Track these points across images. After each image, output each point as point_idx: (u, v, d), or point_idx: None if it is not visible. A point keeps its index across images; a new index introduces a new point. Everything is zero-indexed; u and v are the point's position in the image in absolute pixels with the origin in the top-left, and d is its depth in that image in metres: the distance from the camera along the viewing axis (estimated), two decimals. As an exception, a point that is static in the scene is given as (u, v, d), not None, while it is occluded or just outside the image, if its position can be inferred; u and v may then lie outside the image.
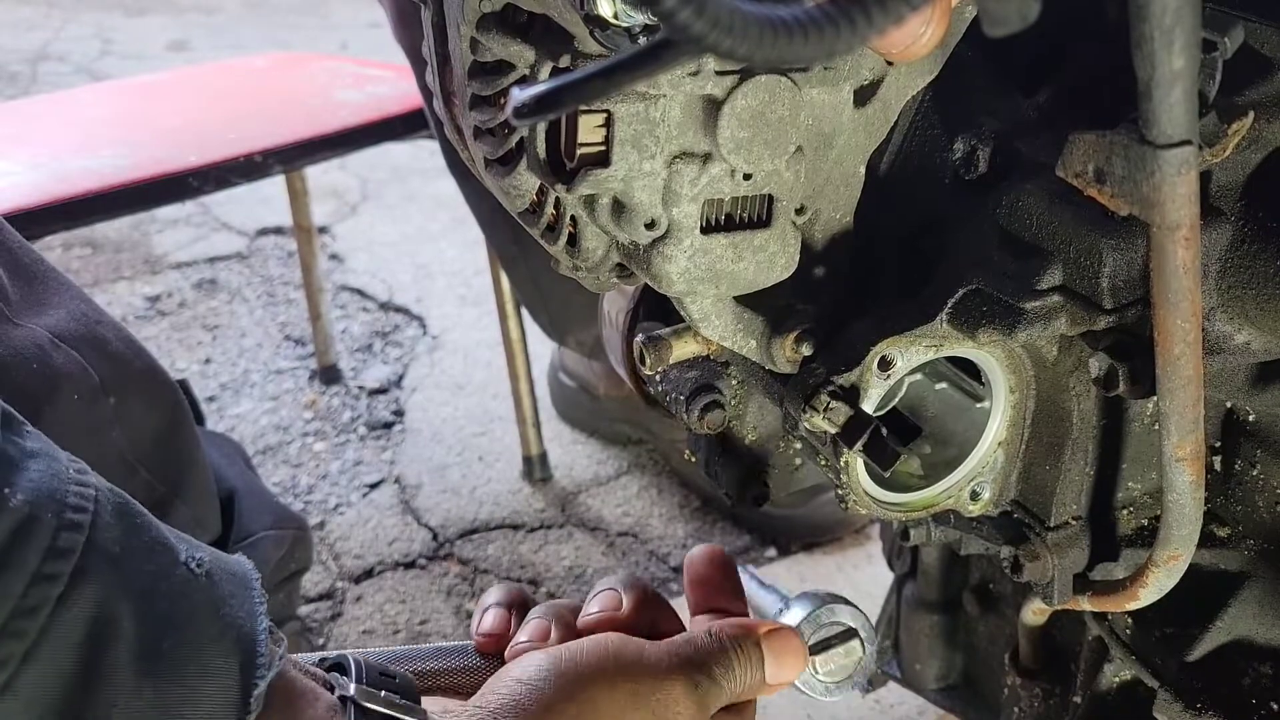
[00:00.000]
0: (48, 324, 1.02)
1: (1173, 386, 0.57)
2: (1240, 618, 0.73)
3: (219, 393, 2.14)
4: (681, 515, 1.78)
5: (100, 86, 2.14)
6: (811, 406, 0.65)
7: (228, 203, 2.83)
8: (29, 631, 0.55)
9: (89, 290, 2.46)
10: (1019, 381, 0.69)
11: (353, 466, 1.93)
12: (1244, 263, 0.62)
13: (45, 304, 1.04)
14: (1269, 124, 0.61)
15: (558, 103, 0.42)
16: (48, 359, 0.99)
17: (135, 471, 1.09)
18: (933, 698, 1.13)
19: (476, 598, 1.63)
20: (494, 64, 0.60)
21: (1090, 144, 0.53)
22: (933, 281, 0.68)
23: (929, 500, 0.72)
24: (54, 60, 3.98)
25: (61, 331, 1.02)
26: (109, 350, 1.07)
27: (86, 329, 1.05)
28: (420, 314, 2.39)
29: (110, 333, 1.09)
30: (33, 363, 0.97)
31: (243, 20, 4.52)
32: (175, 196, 1.52)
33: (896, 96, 0.66)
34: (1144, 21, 0.44)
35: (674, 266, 0.62)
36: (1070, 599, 0.72)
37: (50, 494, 0.58)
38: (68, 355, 1.01)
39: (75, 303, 1.07)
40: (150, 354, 1.15)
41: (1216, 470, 0.73)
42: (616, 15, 0.53)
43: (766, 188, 0.63)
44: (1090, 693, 0.86)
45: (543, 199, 0.63)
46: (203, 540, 1.22)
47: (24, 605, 0.55)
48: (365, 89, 1.78)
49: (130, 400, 1.08)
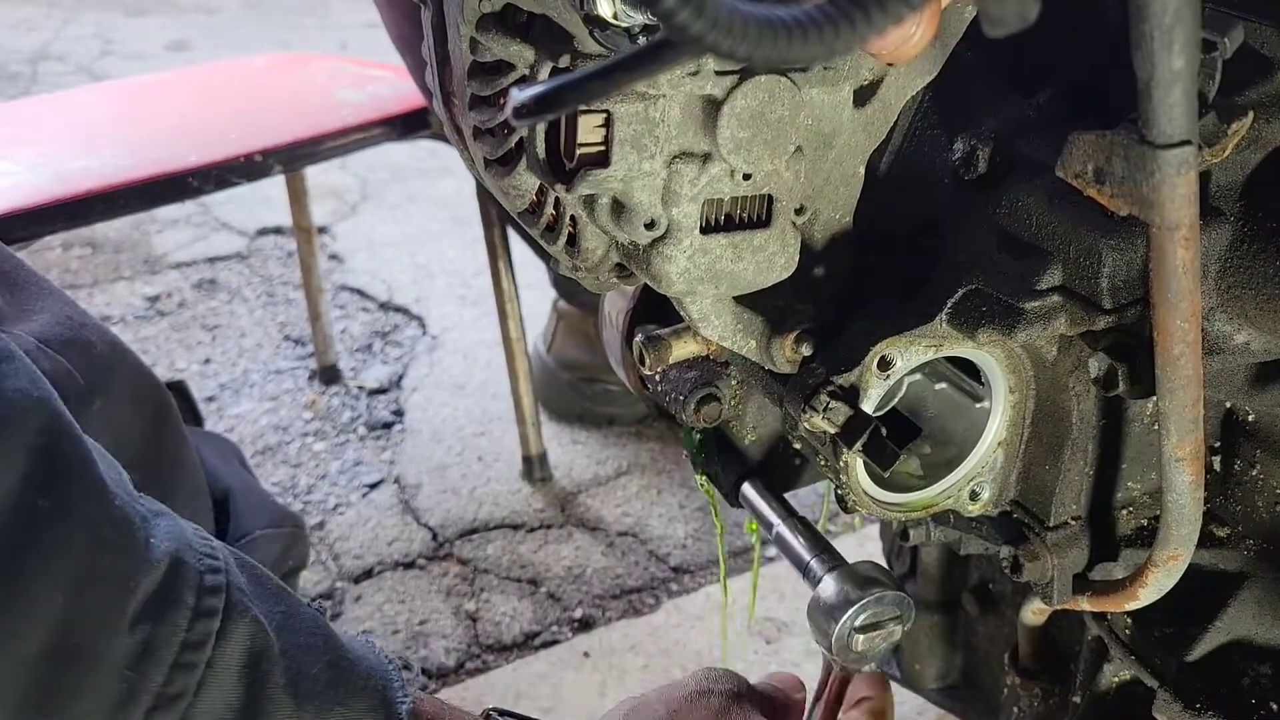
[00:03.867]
0: (33, 330, 1.01)
1: (1172, 386, 0.57)
2: (1240, 618, 0.73)
3: (218, 393, 2.14)
4: (681, 515, 1.78)
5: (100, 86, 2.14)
6: (811, 406, 0.65)
7: (228, 203, 2.83)
8: (198, 664, 0.60)
9: (89, 290, 2.47)
10: (1018, 381, 0.69)
11: (352, 466, 1.92)
12: (1244, 263, 0.62)
13: (29, 310, 1.04)
14: (1269, 124, 0.61)
15: (557, 103, 0.42)
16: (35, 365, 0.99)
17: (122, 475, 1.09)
18: (933, 698, 1.13)
19: (476, 598, 1.63)
20: (493, 64, 0.60)
21: (1090, 144, 0.53)
22: (932, 282, 0.68)
23: (928, 500, 0.72)
24: (54, 60, 3.98)
25: (47, 337, 1.02)
26: (94, 354, 1.07)
27: (72, 333, 1.05)
28: (420, 314, 2.39)
29: (95, 336, 1.09)
30: None
31: (243, 20, 4.52)
32: (175, 196, 1.52)
33: (896, 96, 0.66)
34: (1144, 21, 0.44)
35: (674, 266, 0.62)
36: (1070, 599, 0.72)
37: (186, 542, 0.63)
38: (54, 361, 1.01)
39: (59, 307, 1.07)
40: (136, 355, 1.14)
41: (1216, 470, 0.73)
42: (616, 15, 0.53)
43: (766, 188, 0.63)
44: (1090, 693, 0.86)
45: (542, 199, 0.63)
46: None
47: (190, 639, 0.60)
48: (365, 89, 1.78)
49: (116, 403, 1.08)
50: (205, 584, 0.62)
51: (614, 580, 1.66)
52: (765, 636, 1.53)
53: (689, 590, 1.63)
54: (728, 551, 1.71)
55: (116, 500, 0.61)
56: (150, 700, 0.59)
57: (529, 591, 1.64)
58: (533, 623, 1.58)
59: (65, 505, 0.59)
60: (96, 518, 0.60)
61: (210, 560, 0.63)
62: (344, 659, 0.66)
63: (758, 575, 1.10)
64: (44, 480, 0.58)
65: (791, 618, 1.56)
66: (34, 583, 0.56)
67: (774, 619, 1.56)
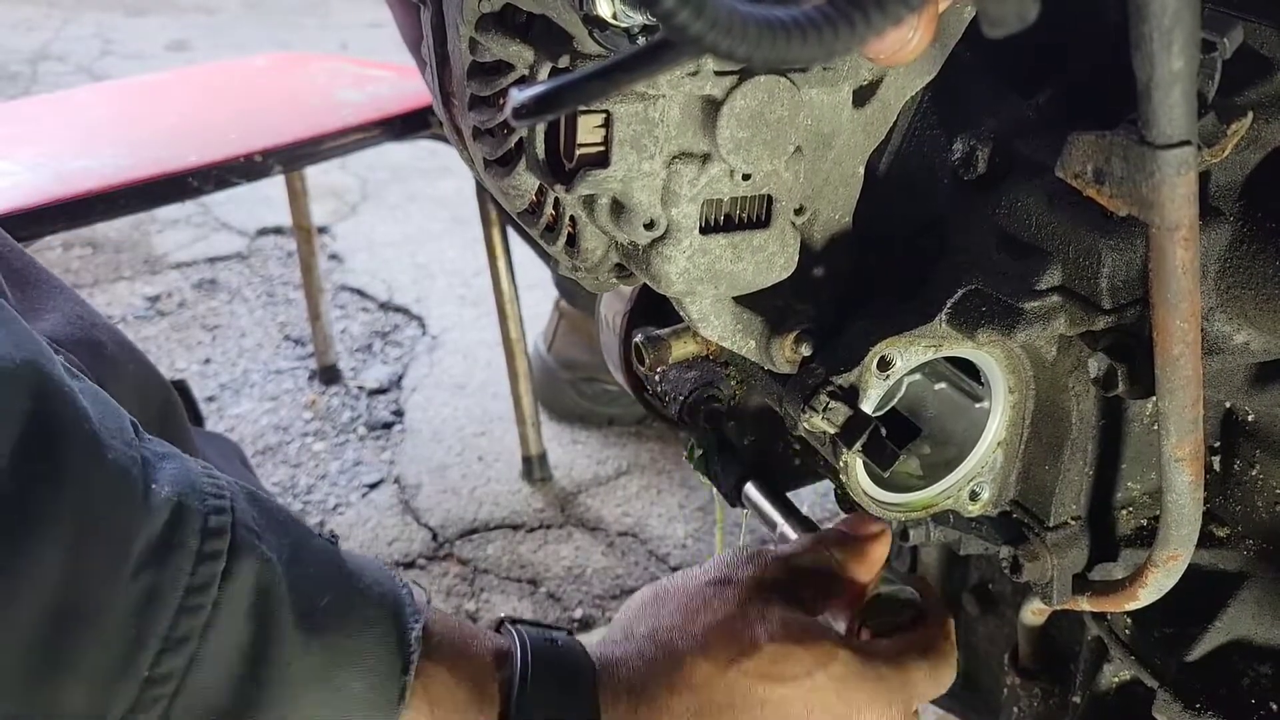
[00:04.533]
0: (44, 328, 1.02)
1: (1172, 386, 0.57)
2: (1239, 618, 0.73)
3: (219, 393, 2.14)
4: (681, 515, 1.78)
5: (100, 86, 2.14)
6: (811, 407, 0.65)
7: (228, 203, 2.83)
8: (205, 606, 0.61)
9: (89, 290, 2.47)
10: (1018, 382, 0.69)
11: (352, 466, 1.93)
12: (1243, 263, 0.62)
13: (41, 308, 1.05)
14: (1268, 124, 0.61)
15: (557, 103, 0.42)
16: None
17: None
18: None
19: (476, 598, 1.63)
20: (493, 64, 0.60)
21: (1089, 144, 0.53)
22: (932, 282, 0.68)
23: (928, 500, 0.72)
24: (54, 60, 3.98)
25: (58, 335, 1.03)
26: (104, 353, 1.07)
27: (82, 332, 1.06)
28: (420, 314, 2.39)
29: (105, 335, 1.09)
30: None
31: (243, 20, 4.52)
32: (175, 196, 1.52)
33: (895, 97, 0.66)
34: (1143, 22, 0.44)
35: (673, 267, 0.62)
36: (1069, 599, 0.72)
37: (190, 485, 0.63)
38: (65, 359, 1.01)
39: (70, 305, 1.08)
40: (144, 356, 1.15)
41: (1216, 470, 0.73)
42: (615, 16, 0.53)
43: (765, 188, 0.63)
44: (1090, 693, 0.86)
45: (542, 199, 0.63)
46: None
47: (195, 583, 0.61)
48: (365, 89, 1.78)
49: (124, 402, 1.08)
50: (209, 526, 0.62)
51: (614, 580, 1.66)
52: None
53: (689, 590, 1.63)
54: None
55: (110, 454, 0.61)
56: (158, 644, 0.60)
57: (529, 591, 1.64)
58: (533, 623, 1.58)
59: (58, 467, 0.59)
60: (90, 474, 0.60)
61: (216, 500, 0.64)
62: (354, 588, 0.67)
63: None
64: (34, 445, 0.58)
65: (791, 618, 1.56)
66: (28, 548, 0.57)
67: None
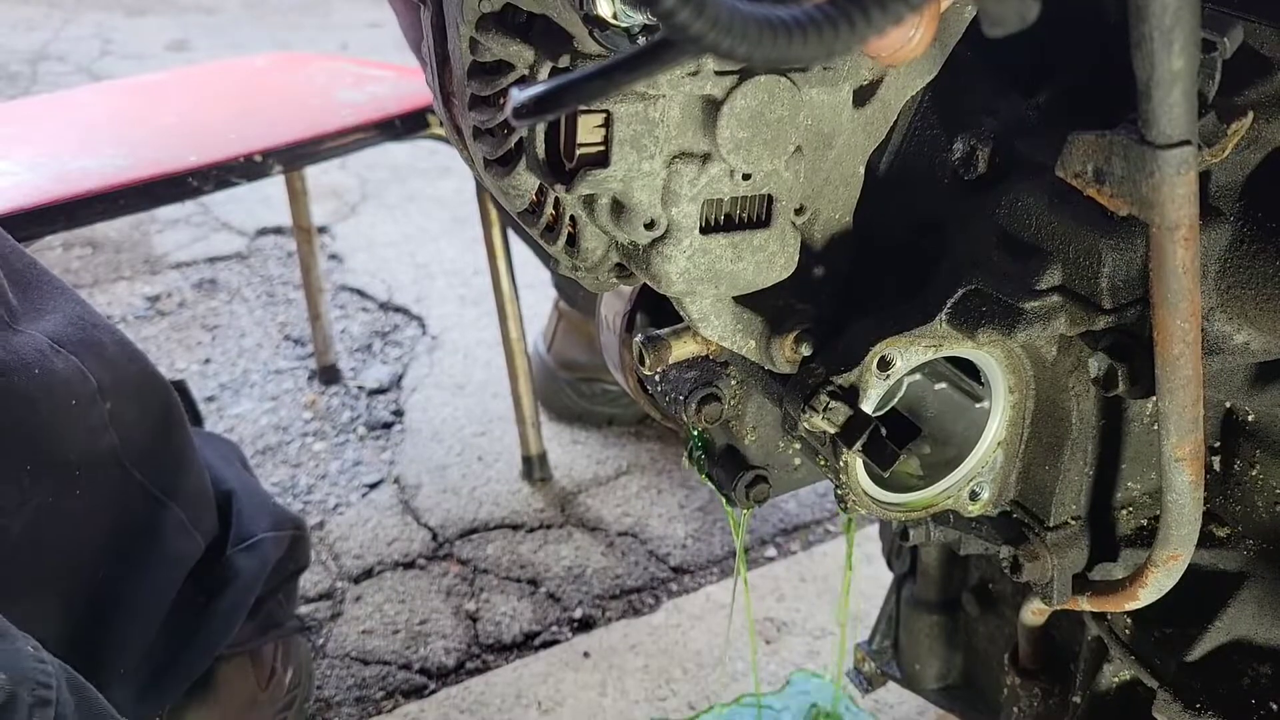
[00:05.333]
0: (46, 329, 1.02)
1: (1172, 386, 0.57)
2: (1239, 618, 0.73)
3: (218, 393, 2.14)
4: (681, 515, 1.78)
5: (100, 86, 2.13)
6: (811, 406, 0.65)
7: (228, 203, 2.83)
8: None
9: (89, 290, 2.47)
10: (1018, 381, 0.69)
11: (352, 466, 1.92)
12: (1243, 263, 0.62)
13: (43, 310, 1.05)
14: (1268, 124, 0.61)
15: (557, 103, 0.42)
16: (49, 364, 1.00)
17: (129, 475, 1.09)
18: (932, 698, 1.13)
19: (476, 598, 1.63)
20: (493, 64, 0.60)
21: (1090, 144, 0.53)
22: (932, 282, 0.68)
23: (928, 500, 0.72)
24: (54, 60, 3.98)
25: (60, 337, 1.03)
26: (106, 355, 1.07)
27: (84, 334, 1.06)
28: (420, 314, 2.39)
29: (106, 336, 1.09)
30: (34, 368, 0.98)
31: (243, 20, 4.52)
32: (175, 196, 1.52)
33: (896, 97, 0.66)
34: (1143, 22, 0.44)
35: (673, 266, 0.62)
36: (1070, 599, 0.72)
37: (22, 672, 0.66)
38: (67, 360, 1.02)
39: (72, 307, 1.08)
40: (145, 357, 1.15)
41: (1216, 470, 0.73)
42: (615, 15, 0.53)
43: (766, 188, 0.63)
44: (1090, 693, 0.86)
45: (542, 199, 0.63)
46: (200, 542, 1.24)
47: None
48: (365, 89, 1.77)
49: (125, 404, 1.09)
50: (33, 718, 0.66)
51: (614, 580, 1.66)
52: (765, 636, 1.53)
53: (689, 590, 1.63)
54: (728, 553, 1.71)
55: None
56: None
57: (529, 591, 1.64)
58: (533, 623, 1.58)
59: None
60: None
61: (43, 692, 0.68)
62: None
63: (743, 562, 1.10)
64: None
65: (791, 618, 1.56)
66: None
67: (774, 619, 1.56)
